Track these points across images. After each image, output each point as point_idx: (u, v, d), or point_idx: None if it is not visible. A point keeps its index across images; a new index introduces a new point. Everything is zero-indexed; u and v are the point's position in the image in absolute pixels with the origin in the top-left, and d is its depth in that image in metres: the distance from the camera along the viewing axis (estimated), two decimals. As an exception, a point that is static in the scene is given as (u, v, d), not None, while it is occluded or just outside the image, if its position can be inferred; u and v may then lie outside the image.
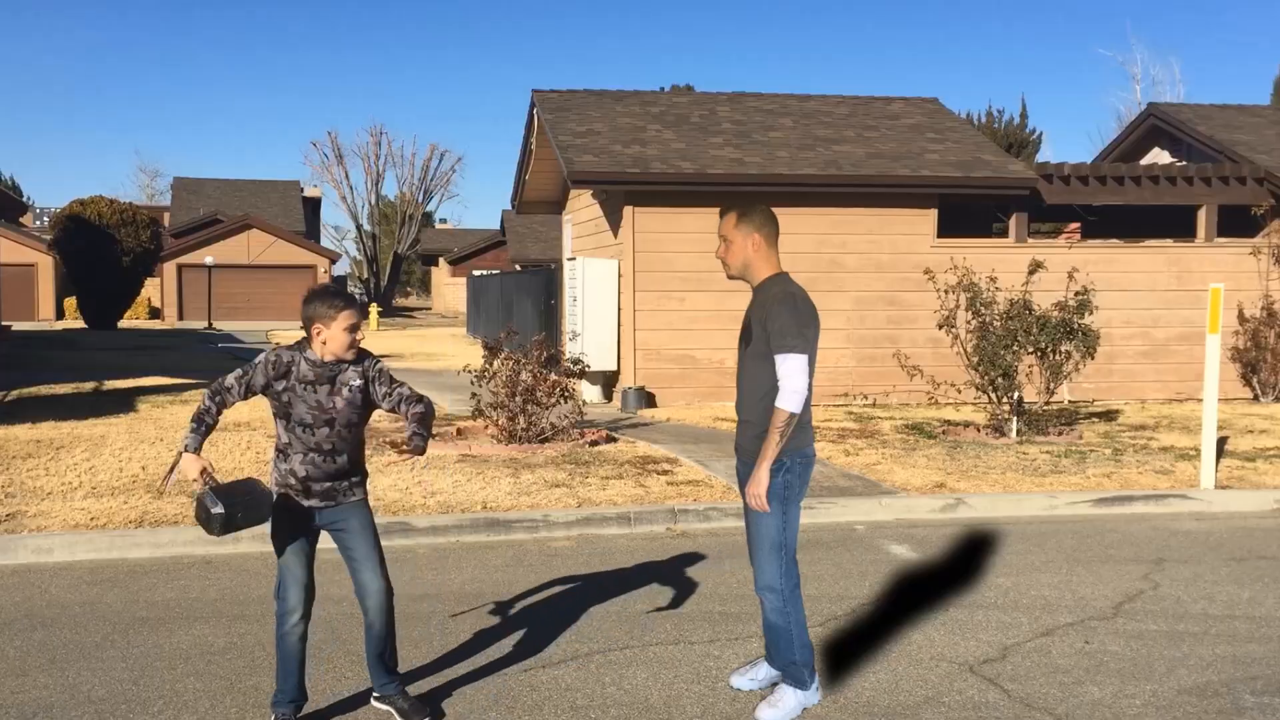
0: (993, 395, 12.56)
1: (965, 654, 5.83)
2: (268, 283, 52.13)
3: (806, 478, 4.90)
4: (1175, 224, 18.13)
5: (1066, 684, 5.42)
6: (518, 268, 49.17)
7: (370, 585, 4.83)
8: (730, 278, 5.04)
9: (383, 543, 8.27)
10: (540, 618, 6.41)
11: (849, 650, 5.87)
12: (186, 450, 4.58)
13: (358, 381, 4.78)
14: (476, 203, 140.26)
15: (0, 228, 47.79)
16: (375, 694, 4.99)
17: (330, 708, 5.10)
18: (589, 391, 16.05)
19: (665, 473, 10.36)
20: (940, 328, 12.44)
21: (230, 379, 4.72)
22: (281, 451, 4.79)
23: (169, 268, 50.97)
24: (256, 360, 4.74)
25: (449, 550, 8.05)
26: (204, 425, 4.66)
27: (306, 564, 4.82)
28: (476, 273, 41.64)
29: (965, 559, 7.83)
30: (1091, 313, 12.35)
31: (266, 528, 4.82)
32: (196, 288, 51.25)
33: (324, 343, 4.72)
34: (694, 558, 7.82)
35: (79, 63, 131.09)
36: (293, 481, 4.76)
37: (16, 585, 7.12)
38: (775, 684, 5.05)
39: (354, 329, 4.74)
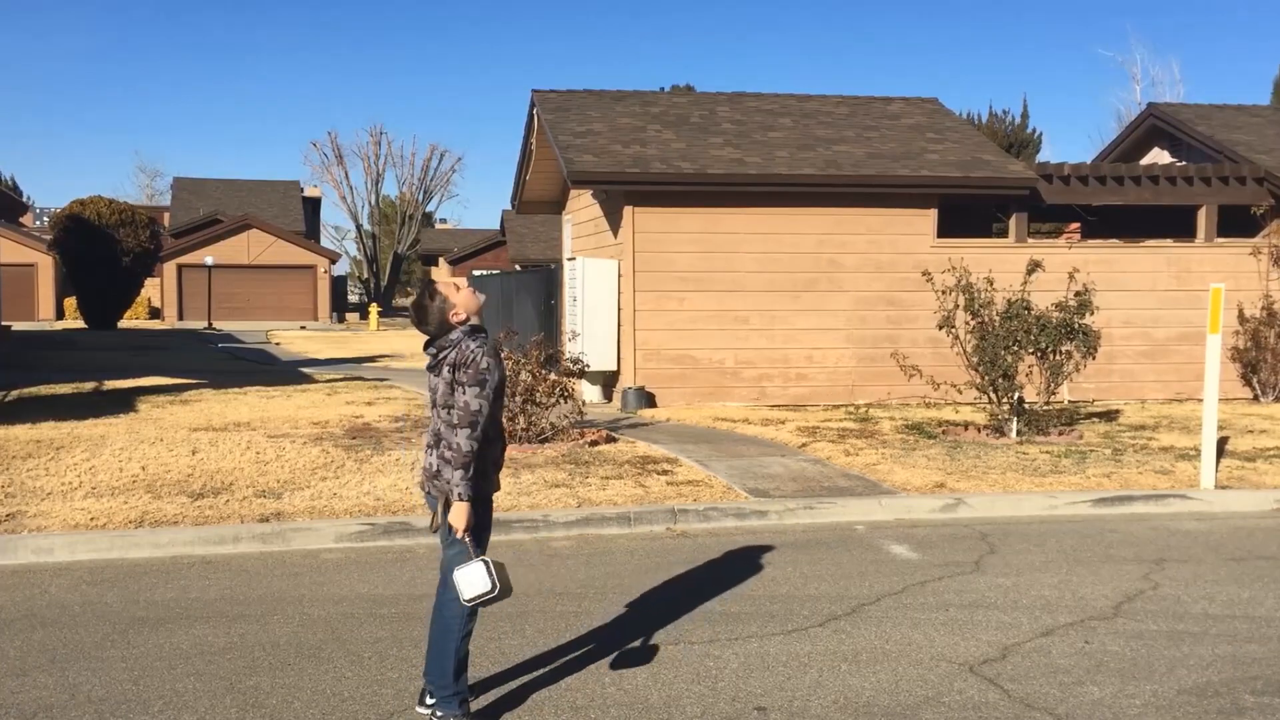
0: (993, 395, 12.55)
1: (965, 654, 5.83)
2: (268, 283, 52.20)
3: None
4: (1175, 224, 18.13)
5: (1066, 684, 5.42)
6: (518, 268, 49.19)
7: None
8: None
9: (384, 543, 8.35)
10: (539, 617, 6.41)
11: (849, 650, 5.88)
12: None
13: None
14: (476, 203, 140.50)
15: (0, 228, 47.81)
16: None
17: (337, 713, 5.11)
18: (589, 391, 16.06)
19: (665, 473, 10.36)
20: (940, 328, 12.44)
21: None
22: (492, 442, 4.93)
23: (169, 268, 51.04)
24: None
25: (449, 550, 8.03)
26: None
27: None
28: (476, 272, 41.61)
29: (965, 559, 7.84)
30: (1092, 313, 12.35)
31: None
32: (196, 288, 51.30)
33: None
34: (694, 558, 7.82)
35: (79, 63, 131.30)
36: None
37: (16, 585, 7.13)
38: None
39: None
